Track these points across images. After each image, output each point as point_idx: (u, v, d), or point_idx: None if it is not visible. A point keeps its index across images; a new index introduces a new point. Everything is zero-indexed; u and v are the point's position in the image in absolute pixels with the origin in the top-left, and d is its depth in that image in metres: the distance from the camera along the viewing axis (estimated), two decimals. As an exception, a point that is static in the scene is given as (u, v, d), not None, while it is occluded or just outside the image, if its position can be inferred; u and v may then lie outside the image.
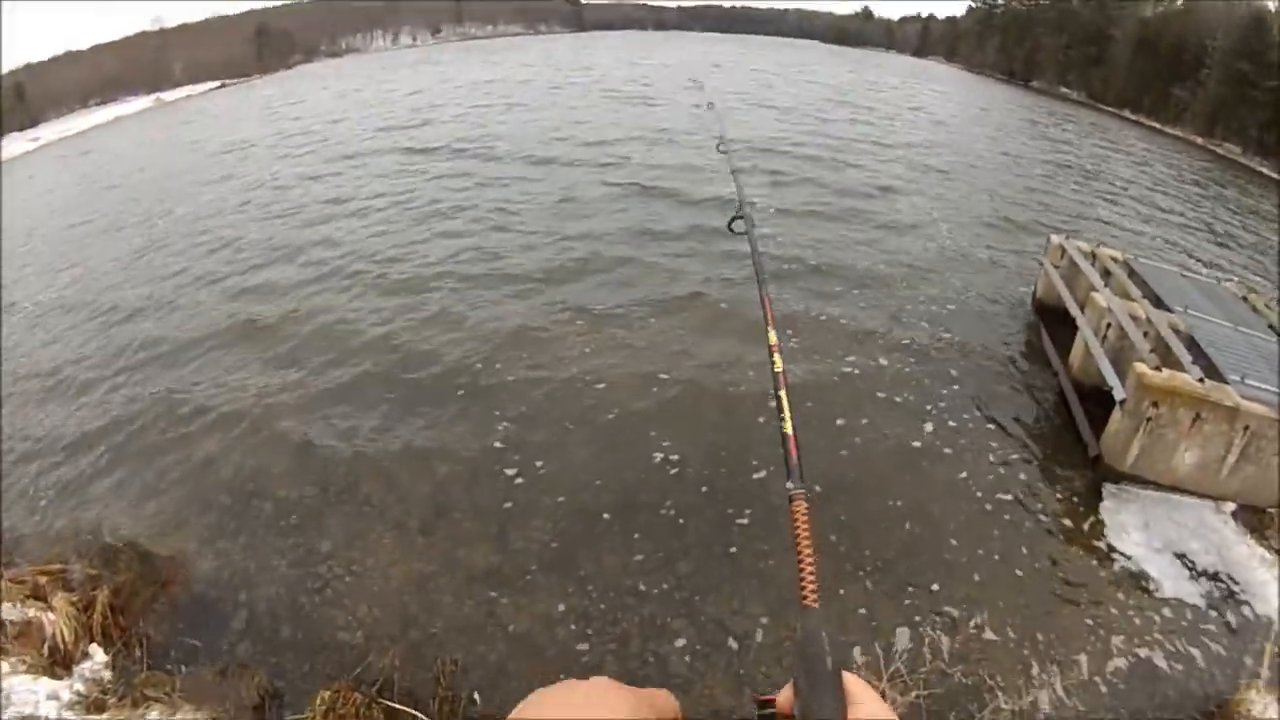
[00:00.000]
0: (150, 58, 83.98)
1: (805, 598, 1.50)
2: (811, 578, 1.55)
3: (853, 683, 1.20)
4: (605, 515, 8.64)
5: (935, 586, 7.78)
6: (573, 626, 7.33)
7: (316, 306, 14.25)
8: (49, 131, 63.94)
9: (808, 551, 1.62)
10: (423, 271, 15.61)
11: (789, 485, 1.76)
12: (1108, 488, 9.12)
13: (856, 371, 11.32)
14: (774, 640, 7.18)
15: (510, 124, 32.81)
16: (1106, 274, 12.08)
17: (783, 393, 2.03)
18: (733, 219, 3.39)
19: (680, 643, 7.18)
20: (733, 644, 7.15)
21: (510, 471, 9.29)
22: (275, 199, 23.33)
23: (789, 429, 1.91)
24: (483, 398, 10.80)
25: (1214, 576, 8.03)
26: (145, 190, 28.37)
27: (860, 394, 10.79)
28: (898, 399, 10.75)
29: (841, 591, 7.67)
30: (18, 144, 59.02)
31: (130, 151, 40.98)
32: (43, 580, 7.69)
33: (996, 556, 8.18)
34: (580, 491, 9.00)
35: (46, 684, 6.53)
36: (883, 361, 11.73)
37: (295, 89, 61.60)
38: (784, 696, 1.21)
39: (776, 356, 2.23)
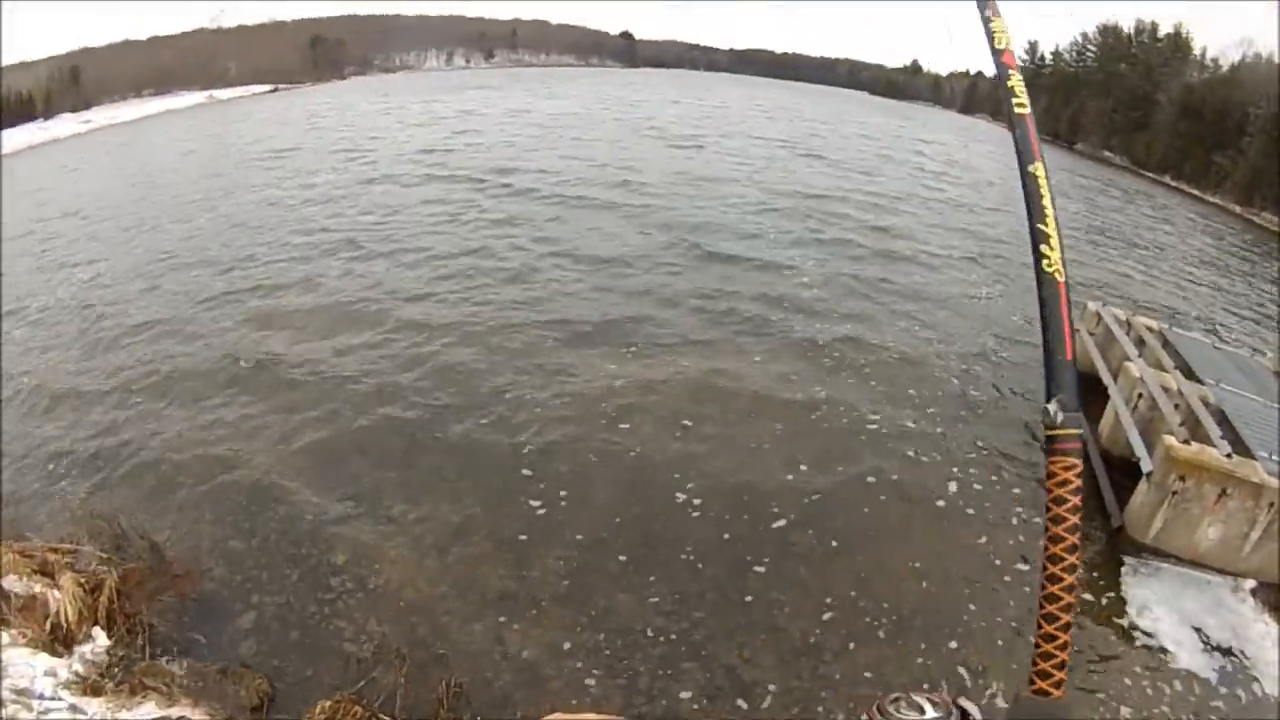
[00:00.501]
0: (206, 55, 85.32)
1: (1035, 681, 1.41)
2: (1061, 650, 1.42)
3: None
4: (617, 555, 8.58)
5: (950, 646, 7.64)
6: (582, 661, 7.23)
7: (339, 326, 14.27)
8: (100, 116, 64.91)
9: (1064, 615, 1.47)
10: (457, 299, 15.70)
11: (1050, 409, 1.55)
12: (1128, 560, 8.97)
13: (884, 430, 11.18)
14: (783, 690, 7.06)
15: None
16: (1141, 343, 11.98)
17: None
18: None
19: (689, 686, 7.07)
20: (741, 692, 7.04)
21: (535, 503, 9.22)
22: (317, 212, 23.48)
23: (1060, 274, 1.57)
24: (512, 427, 10.75)
25: (1228, 653, 7.85)
26: (170, 191, 28.63)
27: (887, 451, 10.66)
28: (924, 458, 10.62)
29: (852, 646, 7.56)
30: (69, 125, 59.98)
31: (173, 145, 41.42)
32: (52, 558, 7.67)
33: (1013, 624, 8.01)
34: (600, 528, 8.93)
35: (45, 660, 6.50)
36: (911, 417, 11.65)
37: (348, 101, 62.33)
38: None
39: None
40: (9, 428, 11.22)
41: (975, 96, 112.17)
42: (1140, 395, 10.31)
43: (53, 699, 6.10)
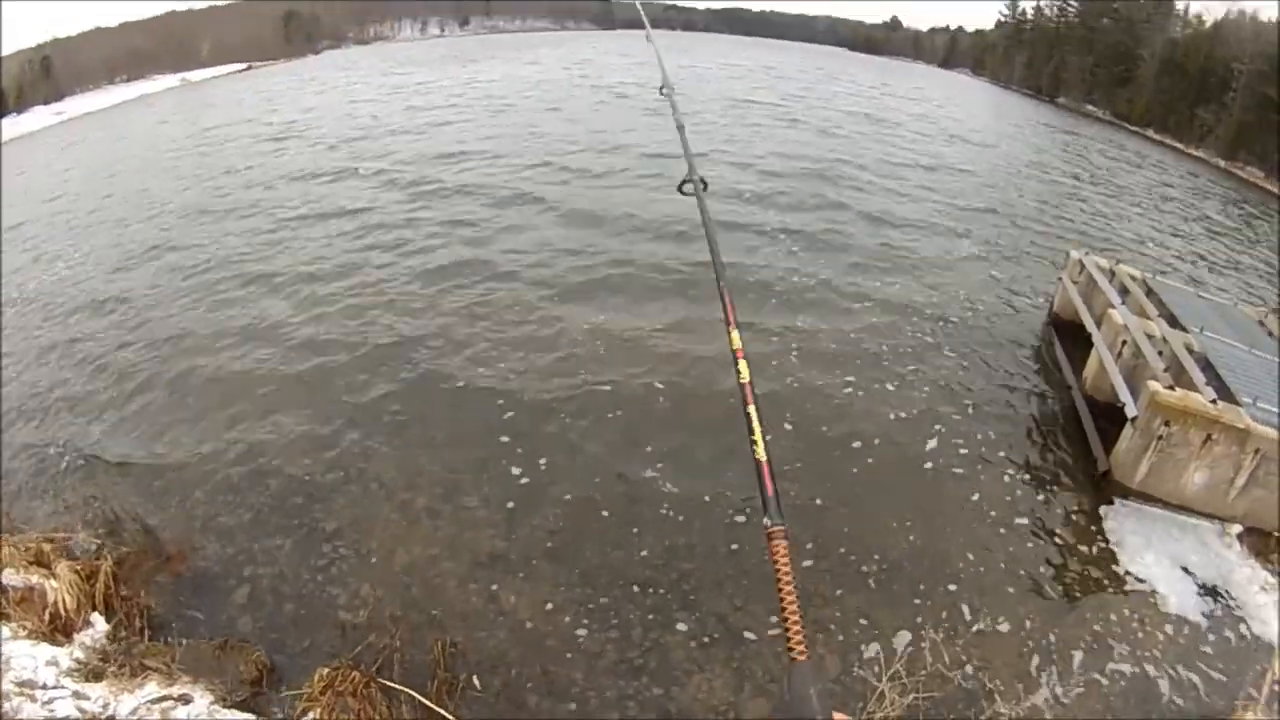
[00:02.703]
0: (178, 37, 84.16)
1: (791, 649, 1.42)
2: (797, 626, 1.45)
3: None
4: (606, 513, 8.64)
5: (939, 590, 7.76)
6: (574, 616, 7.32)
7: (318, 298, 14.25)
8: (74, 106, 64.21)
9: (790, 597, 1.50)
10: (434, 267, 15.70)
11: (766, 521, 1.63)
12: (1115, 503, 9.06)
13: (873, 387, 11.22)
14: (775, 637, 7.08)
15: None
16: (1124, 291, 11.98)
17: (752, 409, 1.83)
18: (682, 182, 3.07)
19: (681, 634, 7.17)
20: (733, 639, 7.15)
21: (516, 470, 9.25)
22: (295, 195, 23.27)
23: (761, 454, 1.75)
24: (493, 391, 10.79)
25: (1216, 597, 7.97)
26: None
27: (872, 409, 10.69)
28: (909, 412, 10.65)
29: (839, 592, 7.67)
30: (43, 117, 59.33)
31: (139, 134, 40.82)
32: (47, 547, 7.70)
33: (1001, 565, 8.15)
34: (586, 486, 8.99)
35: (46, 650, 6.53)
36: (896, 370, 11.69)
37: (320, 76, 61.53)
38: None
39: (742, 364, 2.00)
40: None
41: (955, 51, 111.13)
42: (1124, 342, 10.37)
43: (56, 688, 6.15)
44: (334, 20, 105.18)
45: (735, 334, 2.11)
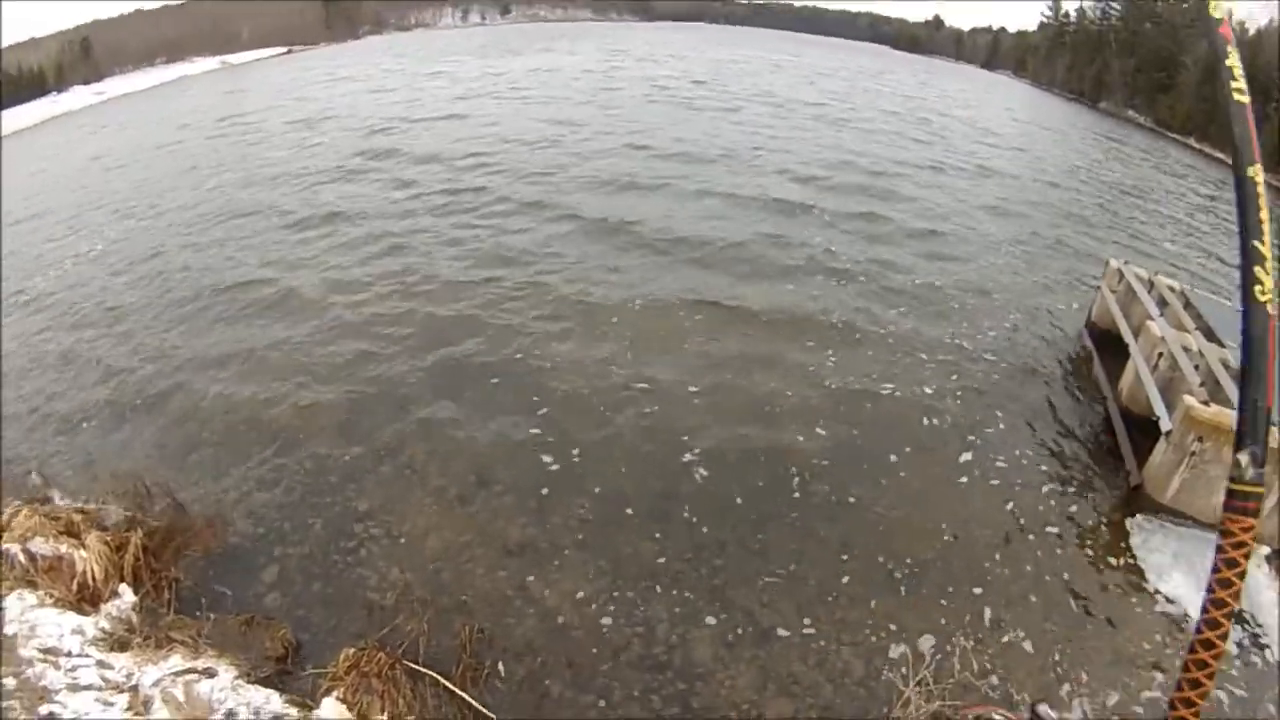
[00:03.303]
0: (218, 20, 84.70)
1: None
2: None
3: None
4: (637, 506, 8.59)
5: (967, 596, 7.68)
6: (602, 607, 7.29)
7: (356, 281, 14.29)
8: (114, 86, 64.84)
9: None
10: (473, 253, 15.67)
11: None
12: (1146, 518, 8.92)
13: (911, 391, 11.08)
14: (802, 638, 7.10)
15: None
16: (1162, 303, 11.73)
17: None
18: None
19: (708, 631, 7.11)
20: (760, 635, 7.10)
21: (547, 458, 9.22)
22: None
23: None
24: (527, 381, 10.77)
25: (1242, 619, 7.77)
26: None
27: (910, 413, 10.56)
28: (946, 420, 10.51)
29: (868, 593, 7.60)
30: (82, 97, 59.98)
31: (177, 116, 40.99)
32: (78, 518, 7.73)
33: (1030, 575, 8.06)
34: (618, 479, 8.94)
35: (72, 619, 6.55)
36: (935, 375, 11.55)
37: (362, 60, 61.80)
38: None
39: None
40: (31, 388, 11.37)
41: (998, 52, 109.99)
42: (1161, 355, 10.18)
43: (80, 656, 6.16)
44: (375, 6, 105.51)
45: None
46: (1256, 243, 1.20)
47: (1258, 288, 1.21)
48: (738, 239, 16.63)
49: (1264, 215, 1.28)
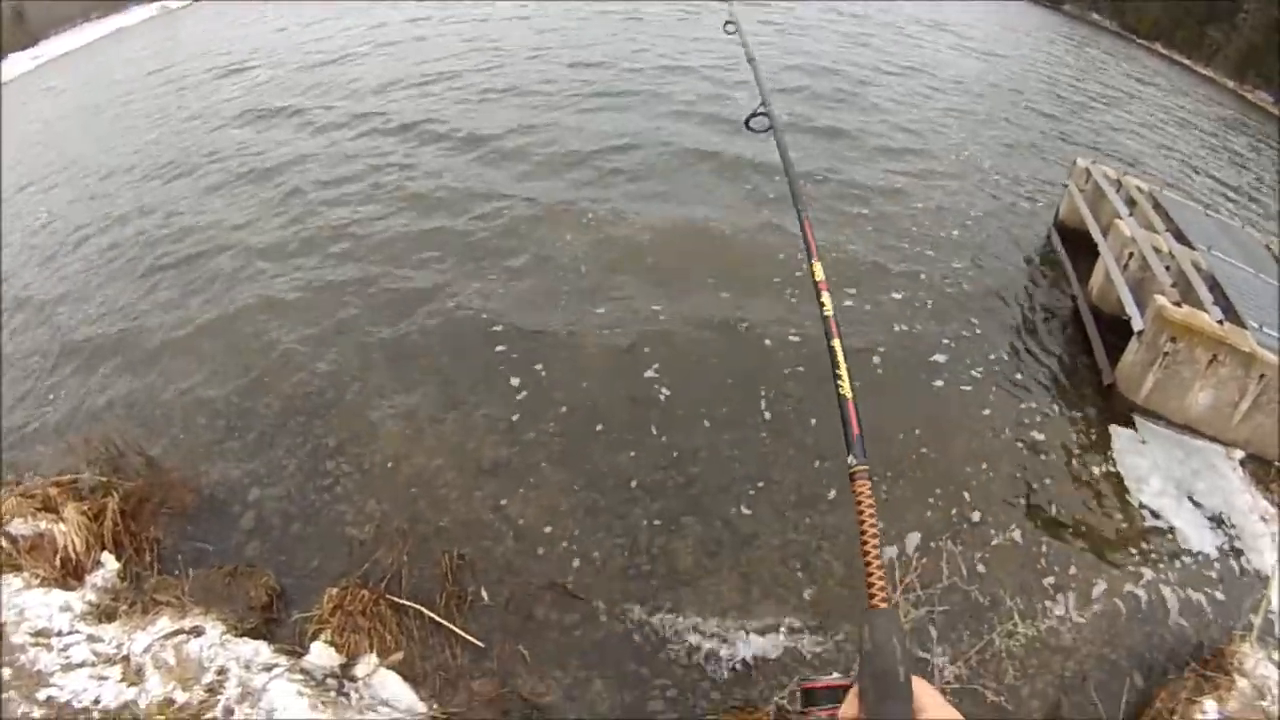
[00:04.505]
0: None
1: (873, 597, 1.39)
2: (879, 571, 1.42)
3: (921, 690, 1.21)
4: (615, 415, 8.56)
5: (949, 499, 7.76)
6: (580, 522, 7.31)
7: (304, 214, 13.88)
8: (50, 48, 62.95)
9: (873, 540, 1.48)
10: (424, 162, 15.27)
11: (850, 460, 1.63)
12: (1122, 420, 9.02)
13: (878, 297, 10.87)
14: (782, 542, 7.20)
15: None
16: (1131, 203, 11.60)
17: (836, 343, 1.87)
18: (750, 116, 2.99)
19: (689, 540, 7.16)
20: (740, 542, 7.17)
21: (516, 380, 9.12)
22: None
23: (847, 391, 1.75)
24: (487, 307, 10.54)
25: (1218, 523, 7.96)
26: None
27: (877, 320, 10.42)
28: (915, 325, 10.40)
29: (848, 498, 7.58)
30: (21, 63, 58.27)
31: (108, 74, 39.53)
32: (54, 492, 7.63)
33: (1011, 478, 8.15)
34: (589, 393, 8.89)
35: (59, 596, 6.52)
36: (901, 279, 11.39)
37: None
38: (848, 708, 1.23)
39: (825, 297, 2.06)
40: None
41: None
42: (1131, 254, 10.13)
43: (70, 634, 6.15)
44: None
45: (818, 266, 2.14)
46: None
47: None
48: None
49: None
